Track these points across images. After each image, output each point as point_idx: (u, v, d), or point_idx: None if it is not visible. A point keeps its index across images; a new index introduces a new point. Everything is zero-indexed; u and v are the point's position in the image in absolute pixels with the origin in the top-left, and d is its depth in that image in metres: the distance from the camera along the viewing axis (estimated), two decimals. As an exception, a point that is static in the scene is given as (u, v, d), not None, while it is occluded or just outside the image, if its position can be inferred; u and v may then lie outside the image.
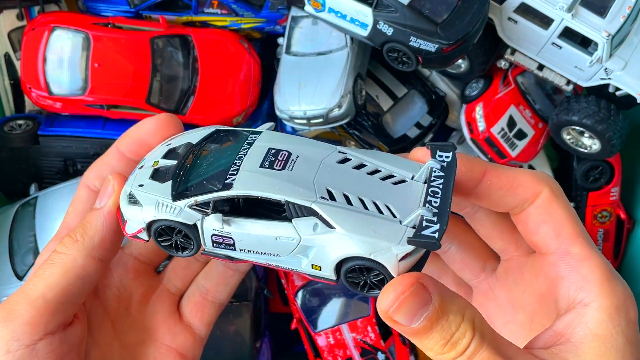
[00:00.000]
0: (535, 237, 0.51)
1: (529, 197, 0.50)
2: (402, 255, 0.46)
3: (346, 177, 0.50)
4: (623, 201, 1.51)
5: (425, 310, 0.43)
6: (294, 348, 1.51)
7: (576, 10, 1.17)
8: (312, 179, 0.49)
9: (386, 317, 0.44)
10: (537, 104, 1.43)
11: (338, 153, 0.52)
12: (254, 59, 1.45)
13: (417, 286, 0.44)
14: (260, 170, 0.49)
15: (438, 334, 0.43)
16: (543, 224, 0.50)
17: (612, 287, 0.46)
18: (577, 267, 0.48)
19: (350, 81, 1.31)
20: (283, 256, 0.50)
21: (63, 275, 0.52)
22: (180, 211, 0.50)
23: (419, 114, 1.44)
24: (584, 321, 0.45)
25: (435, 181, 0.48)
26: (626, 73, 1.21)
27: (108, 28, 1.36)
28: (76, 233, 0.53)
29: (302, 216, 0.48)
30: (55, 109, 1.37)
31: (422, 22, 1.15)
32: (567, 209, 0.50)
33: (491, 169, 0.51)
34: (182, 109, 1.39)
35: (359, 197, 0.48)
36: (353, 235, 0.46)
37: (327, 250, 0.48)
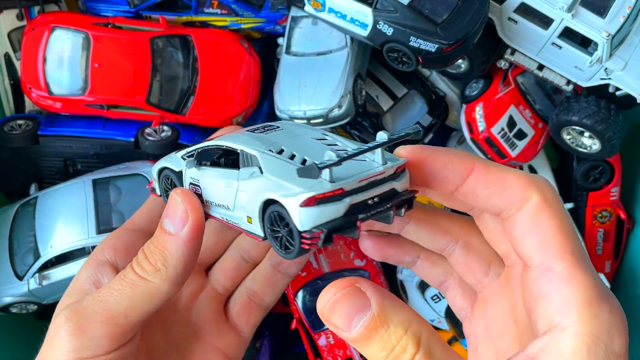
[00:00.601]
0: (520, 247, 0.47)
1: (517, 201, 0.46)
2: (303, 200, 0.43)
3: (306, 146, 0.51)
4: (623, 201, 1.51)
5: (362, 317, 0.41)
6: (294, 348, 1.51)
7: (576, 10, 1.17)
8: (275, 140, 0.51)
9: (323, 318, 0.43)
10: (537, 104, 1.43)
11: (320, 134, 0.54)
12: (254, 59, 1.45)
13: (353, 289, 0.42)
14: (245, 132, 0.54)
15: (377, 343, 0.41)
16: (529, 234, 0.46)
17: (594, 313, 0.41)
18: (558, 287, 0.43)
19: (350, 81, 1.31)
20: (232, 209, 0.51)
21: (147, 300, 0.53)
22: (175, 160, 0.57)
23: (419, 114, 1.44)
24: (558, 348, 0.41)
25: (371, 143, 0.47)
26: (626, 73, 1.21)
27: (108, 28, 1.36)
28: (156, 260, 0.53)
29: (248, 166, 0.50)
30: (55, 109, 1.37)
31: (422, 22, 1.15)
32: (558, 220, 0.45)
33: (479, 165, 0.48)
34: (182, 109, 1.39)
35: (304, 157, 0.48)
36: (273, 178, 0.47)
37: (254, 195, 0.48)
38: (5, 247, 1.25)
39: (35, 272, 1.22)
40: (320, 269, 1.37)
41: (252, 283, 0.67)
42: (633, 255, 1.52)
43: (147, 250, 0.54)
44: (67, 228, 1.21)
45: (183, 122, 1.41)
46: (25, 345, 0.80)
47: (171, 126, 1.39)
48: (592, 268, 0.45)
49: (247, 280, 0.68)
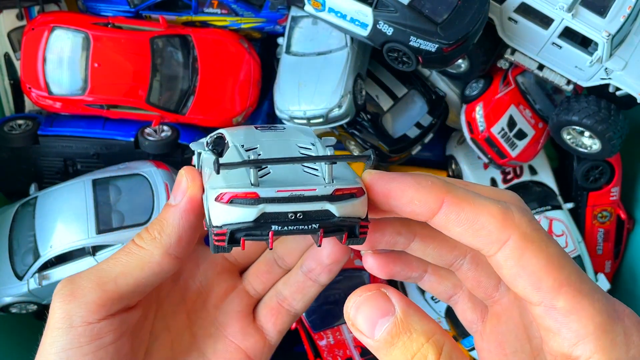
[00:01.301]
0: (514, 289, 0.45)
1: (493, 243, 0.44)
2: (216, 194, 0.45)
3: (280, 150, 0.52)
4: (623, 201, 1.51)
5: (386, 322, 0.41)
6: (294, 348, 1.50)
7: (576, 10, 1.17)
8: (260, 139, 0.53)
9: (350, 323, 0.43)
10: (537, 104, 1.43)
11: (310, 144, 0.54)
12: (254, 59, 1.45)
13: (377, 292, 0.42)
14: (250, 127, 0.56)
15: (399, 350, 0.41)
16: (518, 277, 0.44)
17: (610, 340, 0.41)
18: (566, 323, 0.42)
19: (350, 81, 1.31)
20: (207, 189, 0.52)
21: (139, 267, 0.53)
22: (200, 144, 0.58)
23: (419, 114, 1.44)
24: None
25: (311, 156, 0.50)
26: (626, 73, 1.21)
27: (108, 28, 1.36)
28: (154, 229, 0.54)
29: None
30: (55, 108, 1.37)
31: (422, 22, 1.15)
32: (543, 255, 0.43)
33: (449, 201, 0.45)
34: (182, 109, 1.39)
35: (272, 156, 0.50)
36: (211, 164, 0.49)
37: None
38: (5, 247, 1.25)
39: (35, 272, 1.21)
40: (320, 269, 1.37)
41: (283, 288, 0.66)
42: (633, 255, 1.52)
43: (150, 223, 0.55)
44: (67, 228, 1.21)
45: (183, 122, 1.41)
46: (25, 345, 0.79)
47: (171, 126, 1.39)
48: (595, 289, 0.43)
49: (278, 284, 0.67)
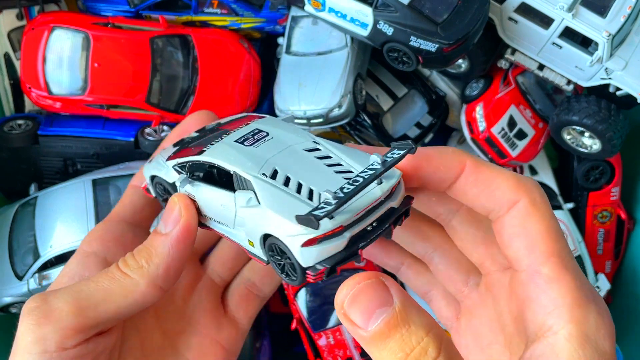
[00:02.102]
0: (508, 250, 0.47)
1: (505, 203, 0.46)
2: (304, 241, 0.43)
3: (300, 163, 0.49)
4: (623, 201, 1.51)
5: (383, 312, 0.39)
6: (294, 348, 1.51)
7: (576, 10, 1.17)
8: (267, 157, 0.50)
9: (341, 312, 0.41)
10: (537, 104, 1.43)
11: (312, 143, 0.52)
12: (254, 58, 1.45)
13: (376, 281, 0.40)
14: (232, 144, 0.52)
15: (396, 343, 0.39)
16: (516, 237, 0.46)
17: (583, 314, 0.42)
18: (546, 290, 0.44)
19: (350, 81, 1.31)
20: (230, 227, 0.51)
21: (122, 295, 0.51)
22: (167, 171, 0.56)
23: (419, 114, 1.44)
24: (555, 353, 0.42)
25: (365, 172, 0.46)
26: (626, 73, 1.21)
27: (108, 28, 1.36)
28: (141, 257, 0.51)
29: (244, 189, 0.49)
30: (55, 108, 1.37)
31: (423, 22, 1.15)
32: (545, 223, 0.46)
33: (471, 163, 0.48)
34: (182, 108, 1.39)
35: (299, 181, 0.47)
36: (271, 213, 0.46)
37: (255, 225, 0.48)
38: (5, 247, 1.25)
39: (35, 272, 1.22)
40: (320, 269, 1.37)
41: (250, 274, 0.65)
42: (633, 255, 1.52)
43: (136, 250, 0.53)
44: (66, 228, 1.21)
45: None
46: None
47: (171, 126, 1.39)
48: (578, 270, 0.45)
49: (244, 270, 0.65)
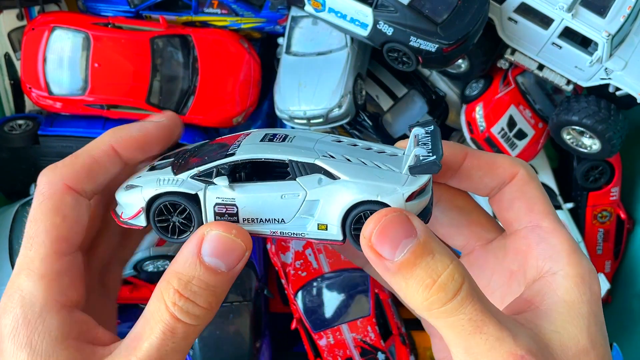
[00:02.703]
0: (508, 213, 0.53)
1: (507, 177, 0.53)
2: (408, 195, 0.46)
3: (343, 149, 0.52)
4: (623, 201, 1.51)
5: (409, 242, 0.42)
6: (294, 348, 1.51)
7: (576, 10, 1.17)
8: (312, 147, 0.51)
9: (368, 245, 0.43)
10: (537, 104, 1.43)
11: (332, 137, 0.54)
12: (254, 59, 1.45)
13: (400, 215, 0.43)
14: (260, 143, 0.51)
15: (423, 270, 0.42)
16: (517, 200, 0.52)
17: (578, 259, 0.48)
18: (547, 239, 0.50)
19: (350, 81, 1.31)
20: (288, 221, 0.50)
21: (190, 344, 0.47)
22: (182, 182, 0.50)
23: (419, 114, 1.45)
24: (553, 289, 0.47)
25: (423, 139, 0.50)
26: (626, 73, 1.21)
27: (108, 28, 1.36)
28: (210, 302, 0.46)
29: (305, 174, 0.49)
30: (55, 109, 1.37)
31: (422, 22, 1.15)
32: (539, 189, 0.53)
33: (471, 152, 0.53)
34: (182, 109, 1.39)
35: (359, 159, 0.50)
36: (359, 181, 0.47)
37: (333, 201, 0.48)
38: (5, 247, 1.25)
39: (35, 272, 1.21)
40: (320, 269, 1.37)
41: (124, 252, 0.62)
42: (633, 255, 1.52)
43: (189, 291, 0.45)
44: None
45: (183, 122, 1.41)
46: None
47: (171, 126, 1.39)
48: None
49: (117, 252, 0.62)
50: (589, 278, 0.47)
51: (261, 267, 1.41)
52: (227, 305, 1.33)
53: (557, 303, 0.46)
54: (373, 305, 1.34)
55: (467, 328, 0.41)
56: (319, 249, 1.39)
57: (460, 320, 0.41)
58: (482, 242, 0.56)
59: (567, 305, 0.46)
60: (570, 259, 0.48)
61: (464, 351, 0.42)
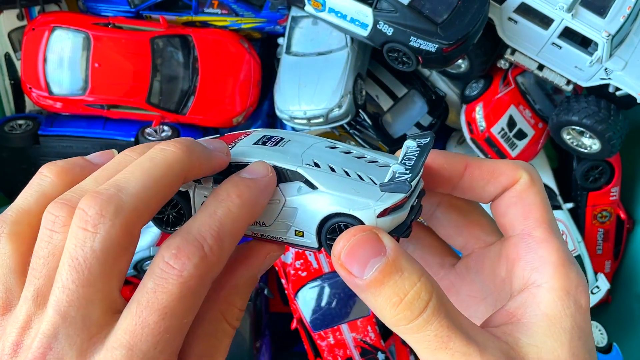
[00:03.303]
0: (504, 218, 0.52)
1: (509, 183, 0.52)
2: (380, 211, 0.46)
3: (333, 156, 0.52)
4: (623, 201, 1.51)
5: (377, 261, 0.42)
6: (294, 348, 1.51)
7: (576, 10, 1.17)
8: (300, 153, 0.51)
9: (338, 263, 0.44)
10: (537, 104, 1.43)
11: (328, 142, 0.55)
12: (254, 59, 1.45)
13: (370, 233, 0.44)
14: (253, 145, 0.52)
15: (390, 289, 0.42)
16: (513, 206, 0.51)
17: (565, 272, 0.47)
18: (535, 249, 0.49)
19: (350, 81, 1.31)
20: (268, 225, 0.51)
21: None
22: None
23: (419, 114, 1.45)
24: (536, 302, 0.46)
25: (410, 153, 0.50)
26: (626, 73, 1.21)
27: (108, 28, 1.36)
28: None
29: (287, 181, 0.50)
30: (55, 109, 1.37)
31: (422, 22, 1.15)
32: (539, 196, 0.51)
33: (472, 162, 0.52)
34: (182, 109, 1.39)
35: (344, 169, 0.50)
36: (334, 192, 0.48)
37: (309, 210, 0.49)
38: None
39: (35, 272, 1.22)
40: (320, 269, 1.37)
41: None
42: (633, 255, 1.52)
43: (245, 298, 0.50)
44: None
45: (183, 122, 1.41)
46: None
47: (171, 126, 1.39)
48: (562, 237, 0.51)
49: None
50: (575, 291, 0.47)
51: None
52: (227, 305, 1.33)
53: (538, 316, 0.46)
54: (373, 305, 1.34)
55: (433, 344, 0.42)
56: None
57: (426, 336, 0.42)
58: (481, 245, 0.56)
59: (549, 319, 0.45)
60: (557, 271, 0.47)
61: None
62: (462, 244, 0.57)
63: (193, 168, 0.45)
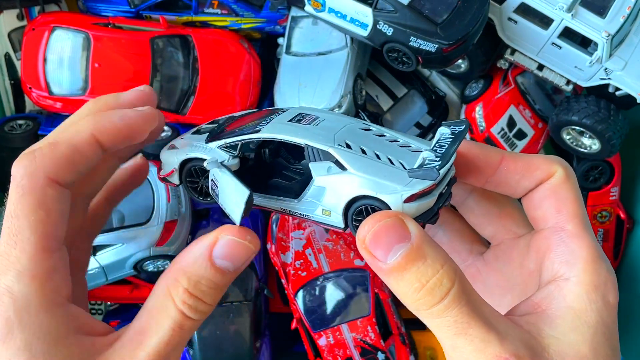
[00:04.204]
0: (537, 211, 0.53)
1: (544, 178, 0.52)
2: (406, 197, 0.47)
3: (365, 138, 0.53)
4: (623, 201, 1.51)
5: (401, 247, 0.43)
6: (294, 348, 1.51)
7: (576, 11, 1.17)
8: (333, 133, 0.52)
9: (363, 247, 0.44)
10: (537, 104, 1.43)
11: (362, 124, 0.56)
12: (254, 59, 1.45)
13: (395, 219, 0.44)
14: (288, 122, 0.54)
15: (413, 275, 0.43)
16: (547, 199, 0.52)
17: (595, 267, 0.47)
18: (567, 242, 0.49)
19: (350, 81, 1.31)
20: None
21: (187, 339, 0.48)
22: (210, 150, 0.54)
23: (419, 114, 1.45)
24: (562, 294, 0.46)
25: (443, 140, 0.51)
26: (626, 73, 1.21)
27: (108, 28, 1.36)
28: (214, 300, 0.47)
29: (319, 160, 0.51)
30: (55, 109, 1.37)
31: (422, 22, 1.15)
32: (574, 191, 0.51)
33: (507, 156, 0.53)
34: (182, 108, 1.39)
35: (375, 151, 0.51)
36: (363, 175, 0.49)
37: (337, 191, 0.50)
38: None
39: (35, 272, 1.22)
40: (320, 268, 1.37)
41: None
42: (633, 255, 1.52)
43: (198, 290, 0.47)
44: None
45: (183, 122, 1.41)
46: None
47: (171, 126, 1.39)
48: (593, 233, 0.51)
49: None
50: (604, 288, 0.46)
51: (261, 267, 1.42)
52: (227, 305, 1.33)
53: (564, 309, 0.46)
54: (373, 305, 1.34)
55: (453, 329, 0.43)
56: (318, 249, 1.39)
57: (446, 321, 0.43)
58: (511, 236, 0.57)
59: (574, 312, 0.45)
60: (588, 266, 0.47)
61: (452, 349, 0.44)
62: (492, 234, 0.58)
63: (104, 130, 0.49)
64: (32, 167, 0.47)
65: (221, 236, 0.47)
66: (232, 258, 0.47)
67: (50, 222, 0.47)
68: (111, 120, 0.50)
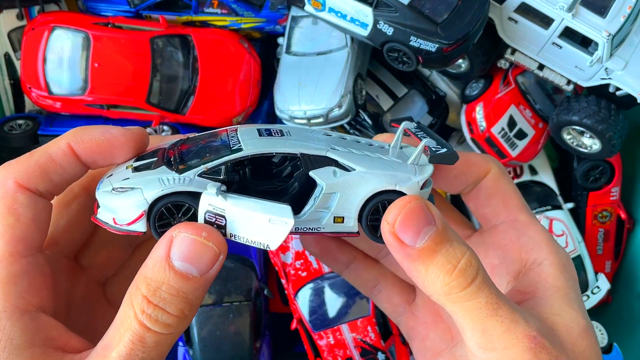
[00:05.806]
0: (486, 208, 0.55)
1: (481, 174, 0.55)
2: (422, 183, 0.48)
3: (341, 141, 0.53)
4: (623, 201, 1.51)
5: (429, 230, 0.44)
6: (294, 348, 1.51)
7: (576, 10, 1.17)
8: (316, 139, 0.51)
9: (391, 232, 0.44)
10: (537, 104, 1.43)
11: (322, 130, 0.57)
12: (254, 58, 1.45)
13: (421, 202, 0.45)
14: (261, 137, 0.50)
15: (443, 257, 0.43)
16: (493, 196, 0.55)
17: (556, 248, 0.51)
18: (526, 232, 0.52)
19: (350, 81, 1.31)
20: (273, 248, 0.48)
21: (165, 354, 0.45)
22: (191, 181, 0.47)
23: (419, 114, 1.44)
24: (543, 277, 0.50)
25: (418, 132, 0.52)
26: (626, 73, 1.21)
27: (108, 28, 1.36)
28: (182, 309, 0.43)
29: (317, 167, 0.49)
30: (55, 108, 1.37)
31: (423, 22, 1.15)
32: (512, 184, 0.55)
33: None
34: (182, 108, 1.39)
35: (362, 150, 0.51)
36: (375, 171, 0.48)
37: (351, 192, 0.49)
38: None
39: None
40: (320, 269, 1.37)
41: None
42: (633, 255, 1.52)
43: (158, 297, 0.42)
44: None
45: (183, 122, 1.41)
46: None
47: (171, 126, 1.39)
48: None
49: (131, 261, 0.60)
50: (569, 265, 0.50)
51: (261, 267, 1.41)
52: (227, 305, 1.33)
53: (551, 289, 0.49)
54: (373, 305, 1.34)
55: (484, 311, 0.43)
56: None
57: (478, 303, 0.43)
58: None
59: (559, 290, 0.49)
60: (550, 248, 0.51)
61: (481, 334, 0.43)
62: None
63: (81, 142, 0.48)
64: (3, 175, 0.47)
65: (175, 233, 0.44)
66: (192, 260, 0.43)
67: (21, 228, 0.46)
68: (91, 133, 0.49)
